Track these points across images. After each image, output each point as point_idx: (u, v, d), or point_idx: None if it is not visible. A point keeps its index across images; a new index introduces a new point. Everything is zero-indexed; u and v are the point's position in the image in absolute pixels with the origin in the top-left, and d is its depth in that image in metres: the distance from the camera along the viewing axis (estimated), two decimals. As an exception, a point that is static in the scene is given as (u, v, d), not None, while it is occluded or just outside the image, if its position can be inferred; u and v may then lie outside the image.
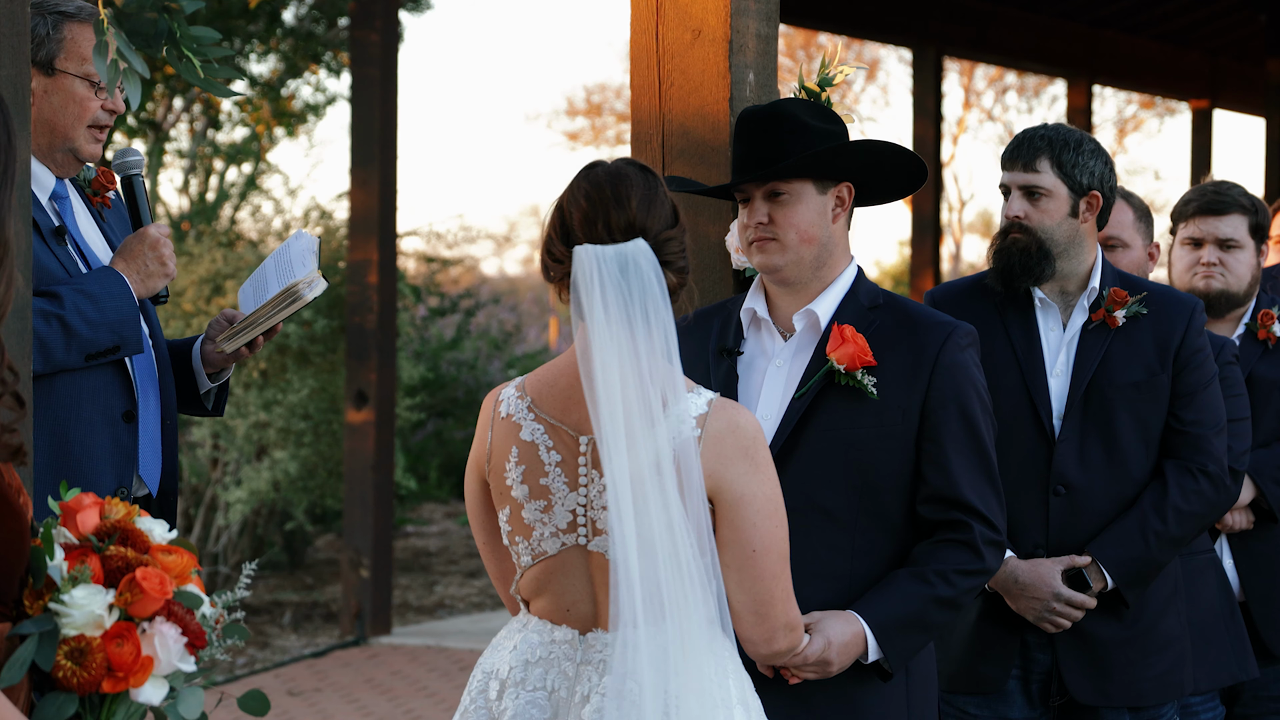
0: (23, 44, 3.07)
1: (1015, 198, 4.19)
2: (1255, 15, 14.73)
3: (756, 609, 3.05)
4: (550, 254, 3.05)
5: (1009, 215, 4.18)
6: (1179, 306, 4.20)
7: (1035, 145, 4.18)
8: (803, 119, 3.56)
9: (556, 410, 3.06)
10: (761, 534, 3.01)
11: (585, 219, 3.01)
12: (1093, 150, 4.18)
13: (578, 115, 32.94)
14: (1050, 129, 4.22)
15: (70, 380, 3.79)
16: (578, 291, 2.96)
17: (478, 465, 3.17)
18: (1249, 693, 4.81)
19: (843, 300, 3.61)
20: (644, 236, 3.00)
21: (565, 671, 3.08)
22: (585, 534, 3.05)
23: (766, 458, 3.03)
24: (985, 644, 4.15)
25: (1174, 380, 4.15)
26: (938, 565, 3.50)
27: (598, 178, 3.04)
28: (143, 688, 2.48)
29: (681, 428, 2.95)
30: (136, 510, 2.63)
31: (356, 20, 10.29)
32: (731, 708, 3.00)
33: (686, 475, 2.93)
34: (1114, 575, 4.08)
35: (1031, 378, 4.16)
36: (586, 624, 3.09)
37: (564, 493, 3.04)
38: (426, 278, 13.52)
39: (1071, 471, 4.12)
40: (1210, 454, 4.16)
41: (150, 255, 3.93)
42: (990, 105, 32.16)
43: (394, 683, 9.03)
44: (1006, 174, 4.23)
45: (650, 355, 2.93)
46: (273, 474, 10.72)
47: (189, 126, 13.86)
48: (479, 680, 3.18)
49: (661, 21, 4.32)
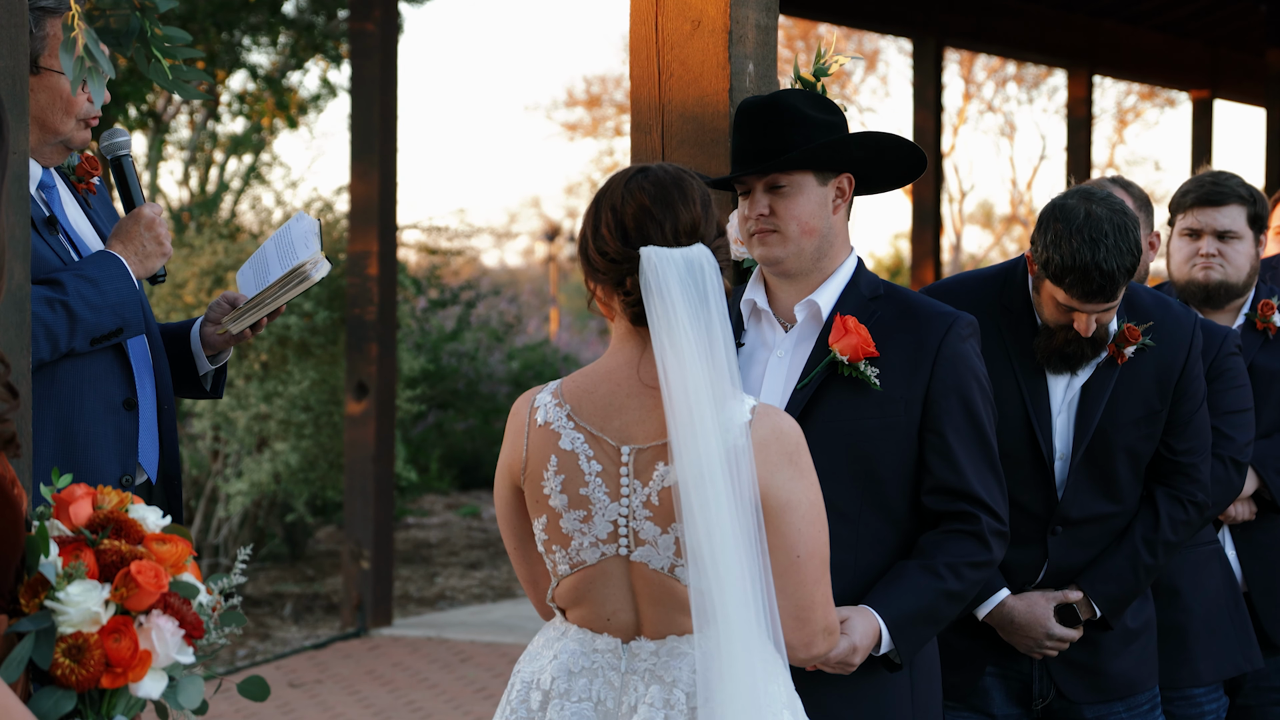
0: (21, 35, 3.05)
1: (1092, 321, 3.97)
2: (1255, 5, 14.72)
3: (798, 614, 3.01)
4: (602, 254, 2.96)
5: (1086, 334, 3.99)
6: (1179, 331, 4.13)
7: (1118, 283, 3.91)
8: (803, 110, 3.56)
9: (597, 419, 3.01)
10: (806, 540, 2.98)
11: (650, 219, 2.94)
12: (1139, 235, 3.98)
13: (577, 106, 32.95)
14: (1116, 247, 3.89)
15: (72, 369, 3.79)
16: (649, 293, 2.89)
17: (511, 472, 3.10)
18: (1251, 683, 4.80)
19: (844, 291, 3.61)
20: (704, 241, 2.95)
21: (610, 681, 3.03)
22: (627, 544, 2.99)
23: (809, 463, 2.99)
24: (951, 657, 4.11)
25: (1170, 409, 4.12)
26: (947, 558, 3.50)
27: (660, 179, 2.98)
28: (142, 681, 2.48)
29: (731, 433, 2.91)
30: (129, 499, 2.62)
31: (356, 11, 10.29)
32: (779, 713, 2.98)
33: (739, 481, 2.89)
34: (1104, 609, 4.10)
35: (1037, 416, 4.09)
36: (629, 633, 3.04)
37: (605, 503, 2.98)
38: (427, 271, 13.52)
39: (1072, 512, 4.11)
40: (1200, 483, 4.16)
41: (147, 235, 3.93)
42: (990, 96, 32.15)
43: (395, 674, 9.03)
44: (1083, 304, 3.95)
45: (719, 359, 2.89)
46: (273, 466, 10.72)
47: (189, 118, 13.86)
48: (519, 690, 3.11)
49: (661, 12, 4.31)
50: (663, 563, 2.97)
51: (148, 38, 3.31)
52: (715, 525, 2.85)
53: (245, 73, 13.46)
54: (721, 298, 2.92)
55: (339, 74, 14.07)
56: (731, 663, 2.86)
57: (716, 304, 2.90)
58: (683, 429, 2.86)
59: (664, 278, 2.89)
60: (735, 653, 2.86)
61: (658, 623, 3.00)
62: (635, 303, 2.94)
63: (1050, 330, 4.06)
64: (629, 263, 2.93)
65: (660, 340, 2.89)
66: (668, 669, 2.99)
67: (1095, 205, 3.94)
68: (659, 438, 2.95)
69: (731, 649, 2.86)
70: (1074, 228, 3.91)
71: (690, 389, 2.87)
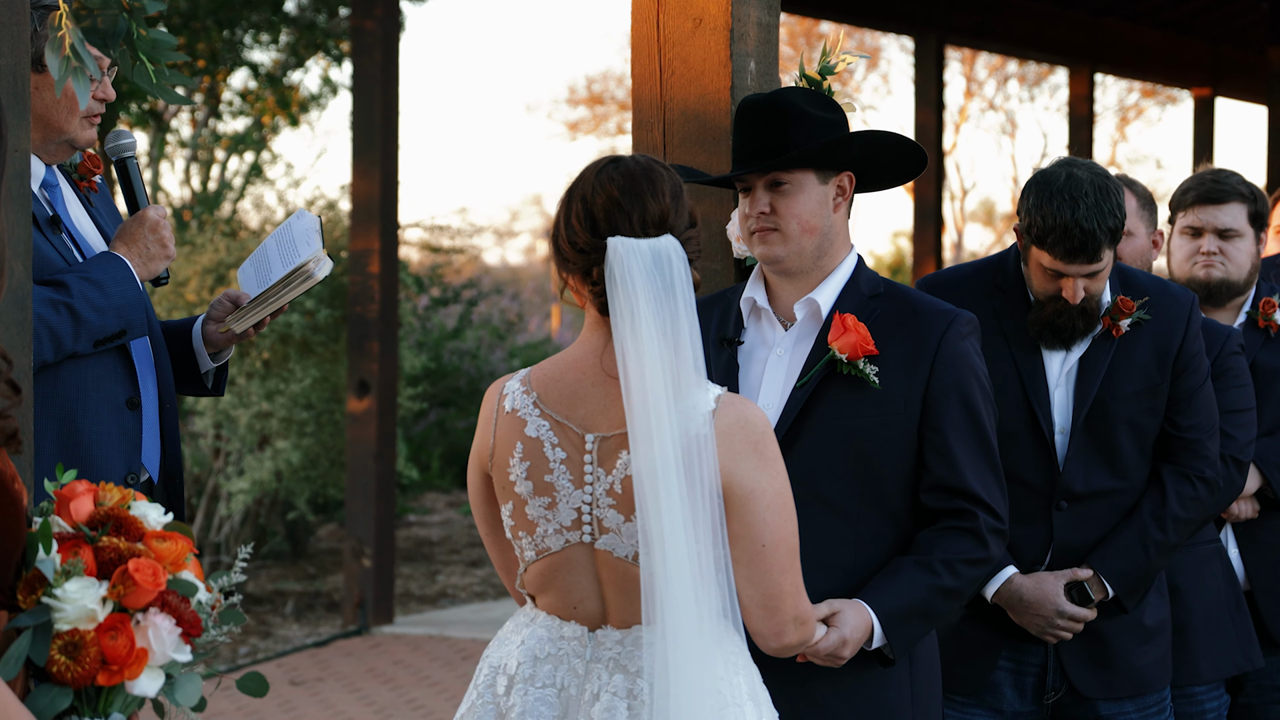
0: (22, 32, 3.05)
1: (1078, 284, 4.02)
2: (1257, 3, 14.70)
3: (766, 603, 3.03)
4: (572, 244, 2.98)
5: (1074, 301, 4.02)
6: (1177, 307, 4.15)
7: (1098, 240, 3.96)
8: (804, 108, 3.56)
9: (563, 407, 3.04)
10: (771, 529, 2.99)
11: (618, 210, 2.95)
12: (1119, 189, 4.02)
13: (579, 105, 32.94)
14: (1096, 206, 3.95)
15: (76, 369, 3.79)
16: (613, 283, 2.91)
17: (480, 459, 3.14)
18: (1253, 682, 4.80)
19: (844, 289, 3.61)
20: (673, 233, 2.97)
21: (575, 669, 3.05)
22: (591, 531, 3.02)
23: (776, 453, 3.01)
24: (966, 648, 4.13)
25: (1171, 384, 4.13)
26: (942, 554, 3.50)
27: (630, 170, 2.99)
28: (138, 679, 2.48)
29: (693, 422, 2.92)
30: (131, 495, 2.62)
31: (357, 8, 10.29)
32: (742, 704, 2.99)
33: (701, 470, 2.91)
34: (1116, 587, 4.08)
35: (1034, 392, 4.11)
36: (595, 621, 3.07)
37: (569, 490, 3.02)
38: (429, 269, 13.52)
39: (1075, 486, 4.11)
40: (1207, 459, 4.16)
41: (151, 238, 3.93)
42: (992, 94, 32.14)
43: (396, 672, 9.04)
44: (1065, 265, 4.01)
45: (683, 351, 2.91)
46: (275, 464, 10.73)
47: (190, 116, 13.85)
48: (486, 674, 3.15)
49: (663, 10, 4.31)
50: (626, 551, 2.99)
51: (134, 40, 3.29)
52: (668, 518, 2.86)
53: (247, 71, 13.46)
54: (689, 289, 2.93)
55: (341, 72, 14.06)
56: (683, 655, 2.87)
57: (683, 295, 2.92)
58: (639, 420, 2.89)
59: (628, 268, 2.91)
60: (687, 645, 2.87)
61: (624, 611, 3.02)
62: (601, 293, 2.96)
63: (1041, 303, 4.09)
64: (597, 253, 2.95)
65: (622, 330, 2.91)
66: (633, 659, 3.00)
67: (1076, 169, 4.01)
68: (622, 426, 2.96)
69: (682, 641, 2.87)
70: (1055, 189, 3.98)
71: (648, 380, 2.88)
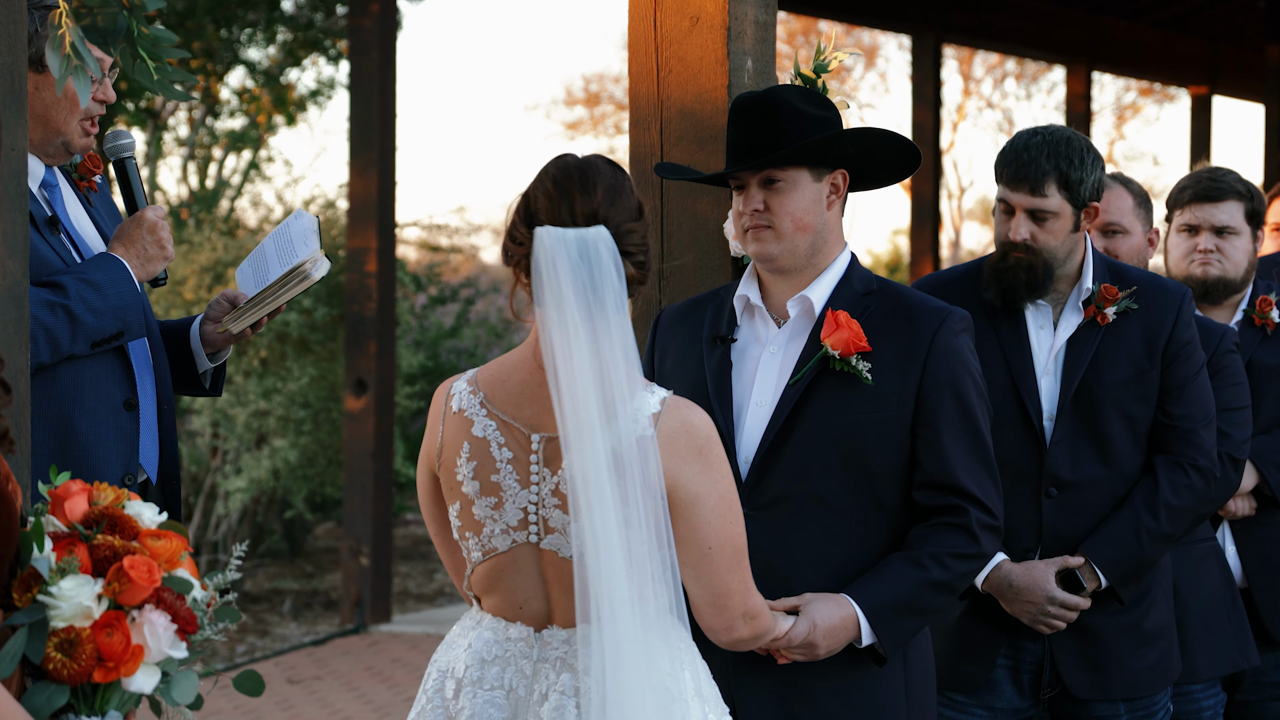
0: (20, 31, 3.04)
1: (1021, 221, 4.09)
2: (1254, 1, 14.71)
3: (714, 601, 3.08)
4: (511, 237, 3.01)
5: (1014, 238, 4.08)
6: (1167, 298, 4.16)
7: (1041, 167, 4.05)
8: (798, 106, 3.56)
9: (509, 407, 3.04)
10: (716, 532, 3.01)
11: (550, 203, 2.97)
12: (1094, 159, 4.09)
13: (576, 104, 32.92)
14: (1051, 140, 4.07)
15: (73, 370, 3.79)
16: (539, 273, 2.93)
17: (428, 459, 3.15)
18: (1250, 679, 4.81)
19: (837, 286, 3.61)
20: (606, 225, 2.97)
21: (523, 670, 3.07)
22: (537, 532, 3.03)
23: (720, 456, 3.02)
24: (968, 643, 4.13)
25: (1162, 374, 4.13)
26: (932, 549, 3.50)
27: (566, 165, 3.02)
28: (134, 676, 2.48)
29: (636, 425, 2.92)
30: (126, 495, 2.62)
31: (354, 6, 10.28)
32: (688, 701, 3.01)
33: (644, 472, 2.91)
34: (1108, 575, 4.08)
35: (1021, 378, 4.13)
36: (541, 621, 3.08)
37: (515, 490, 3.03)
38: (426, 268, 13.52)
39: (1063, 472, 4.11)
40: (1200, 447, 4.15)
41: (149, 239, 3.93)
42: (989, 92, 32.15)
43: (394, 670, 9.04)
44: (1010, 193, 4.10)
45: (609, 346, 2.90)
46: (272, 462, 10.73)
47: (188, 115, 13.85)
48: (435, 678, 3.17)
49: (660, 8, 4.32)
50: (571, 551, 2.98)
51: (134, 37, 3.29)
52: (600, 522, 2.87)
53: (243, 69, 13.46)
54: (621, 283, 2.93)
55: (338, 71, 14.06)
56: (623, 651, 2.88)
57: (614, 289, 2.92)
58: (569, 419, 2.89)
59: (553, 256, 2.91)
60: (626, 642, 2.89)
61: (569, 611, 3.02)
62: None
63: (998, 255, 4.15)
64: (530, 244, 2.96)
65: (548, 321, 2.91)
66: (579, 657, 3.00)
67: (1047, 126, 4.14)
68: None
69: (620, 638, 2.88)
70: (1020, 133, 4.15)
71: (576, 373, 2.88)
